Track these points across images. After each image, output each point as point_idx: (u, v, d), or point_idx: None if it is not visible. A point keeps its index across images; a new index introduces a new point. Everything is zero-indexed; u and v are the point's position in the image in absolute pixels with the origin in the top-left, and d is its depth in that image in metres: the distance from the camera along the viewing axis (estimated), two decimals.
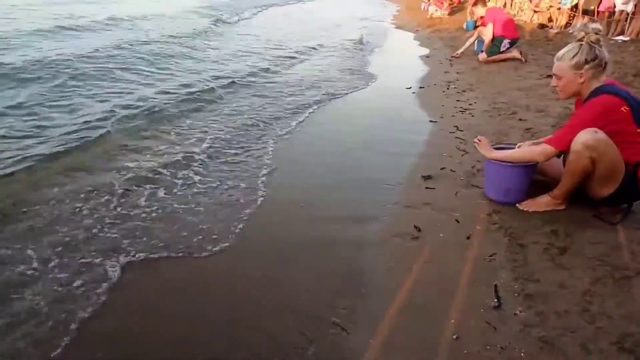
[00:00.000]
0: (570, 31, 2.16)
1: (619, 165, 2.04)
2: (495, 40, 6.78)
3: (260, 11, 15.44)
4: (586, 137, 1.99)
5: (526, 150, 2.35)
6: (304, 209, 2.58)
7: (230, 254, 2.15)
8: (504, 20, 6.76)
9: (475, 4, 7.31)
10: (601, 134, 1.98)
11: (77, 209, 2.49)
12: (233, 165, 3.20)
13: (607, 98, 2.01)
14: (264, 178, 2.98)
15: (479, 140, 2.47)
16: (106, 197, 2.63)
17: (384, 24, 13.82)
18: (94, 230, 2.29)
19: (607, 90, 2.05)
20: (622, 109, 1.98)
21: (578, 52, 2.07)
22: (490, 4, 10.19)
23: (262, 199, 2.70)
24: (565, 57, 2.12)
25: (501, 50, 6.74)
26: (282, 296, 1.84)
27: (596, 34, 2.06)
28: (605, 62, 2.07)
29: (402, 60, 7.78)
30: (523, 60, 6.56)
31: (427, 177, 2.87)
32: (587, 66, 2.06)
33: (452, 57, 7.30)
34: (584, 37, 2.08)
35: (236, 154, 3.40)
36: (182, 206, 2.58)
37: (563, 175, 2.19)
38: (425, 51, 8.46)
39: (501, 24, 6.71)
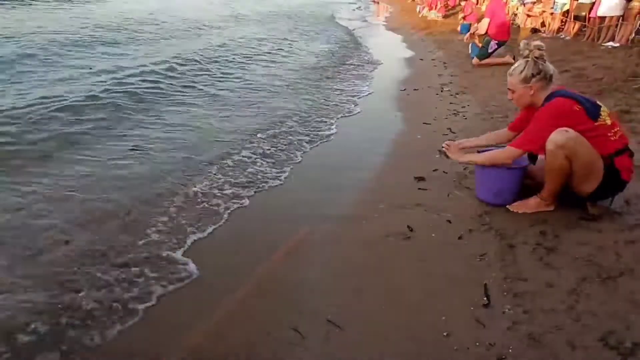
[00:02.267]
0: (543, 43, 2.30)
1: (596, 160, 2.10)
2: (484, 42, 6.89)
3: None
4: (556, 137, 2.07)
5: (493, 154, 2.44)
6: (298, 208, 2.61)
7: (226, 251, 2.18)
8: (498, 22, 6.83)
9: None
10: (572, 133, 2.06)
11: None
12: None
13: (560, 100, 2.15)
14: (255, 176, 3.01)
15: (448, 146, 2.54)
16: None
17: (379, 25, 13.89)
18: None
19: (559, 93, 2.19)
20: (575, 107, 2.09)
21: (525, 67, 2.24)
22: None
23: (255, 197, 2.73)
24: (514, 73, 2.28)
25: (489, 50, 6.83)
26: (276, 293, 1.87)
27: (539, 49, 2.22)
28: (550, 75, 2.23)
29: (396, 61, 7.83)
30: None
31: (420, 179, 2.92)
32: (533, 80, 2.23)
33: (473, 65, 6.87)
34: (529, 54, 2.24)
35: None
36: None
37: (545, 177, 2.26)
38: (419, 53, 8.53)
39: (495, 24, 6.79)
